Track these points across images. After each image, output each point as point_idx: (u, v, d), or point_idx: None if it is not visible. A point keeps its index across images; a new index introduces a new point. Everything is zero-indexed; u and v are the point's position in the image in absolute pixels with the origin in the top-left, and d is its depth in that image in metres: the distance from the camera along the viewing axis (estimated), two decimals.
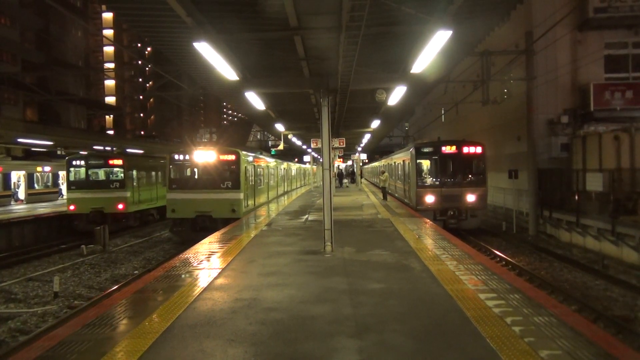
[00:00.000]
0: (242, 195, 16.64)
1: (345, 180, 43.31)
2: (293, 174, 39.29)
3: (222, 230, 13.23)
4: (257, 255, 9.35)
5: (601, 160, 16.85)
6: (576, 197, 16.81)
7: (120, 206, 20.91)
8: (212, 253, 9.64)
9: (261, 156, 21.91)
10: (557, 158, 20.58)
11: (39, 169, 29.45)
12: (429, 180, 18.89)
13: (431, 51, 8.03)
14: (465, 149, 18.35)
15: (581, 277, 12.42)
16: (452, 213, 17.90)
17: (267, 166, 23.14)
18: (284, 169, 31.82)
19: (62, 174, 32.47)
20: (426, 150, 18.85)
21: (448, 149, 18.40)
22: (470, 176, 18.64)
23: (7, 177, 26.98)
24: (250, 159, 18.65)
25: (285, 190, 31.43)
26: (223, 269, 8.04)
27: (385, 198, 23.49)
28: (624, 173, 15.96)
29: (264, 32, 8.68)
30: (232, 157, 16.77)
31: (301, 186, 43.92)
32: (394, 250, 9.53)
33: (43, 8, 43.43)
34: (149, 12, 8.22)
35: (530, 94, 19.56)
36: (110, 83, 76.69)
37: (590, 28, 20.39)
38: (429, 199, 18.00)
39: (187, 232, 16.89)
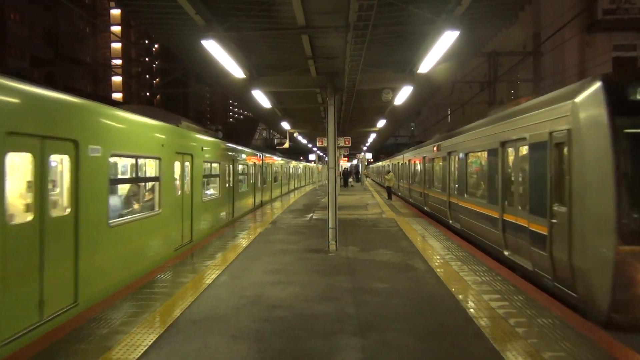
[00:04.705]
0: None
1: (350, 180, 42.46)
2: (290, 171, 34.23)
3: None
4: (262, 252, 9.38)
5: None
6: None
7: None
8: (216, 251, 9.67)
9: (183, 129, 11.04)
10: None
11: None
12: None
13: (438, 51, 8.03)
14: None
15: None
16: None
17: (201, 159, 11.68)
18: (267, 166, 23.23)
19: None
20: None
21: None
22: None
23: None
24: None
25: (261, 201, 21.44)
26: (227, 266, 8.07)
27: (390, 197, 23.48)
28: None
29: (272, 31, 8.70)
30: None
31: (299, 187, 40.64)
32: (398, 249, 9.53)
33: (52, 4, 43.67)
34: (157, 10, 8.25)
35: (537, 95, 19.46)
36: (117, 79, 77.03)
37: (598, 30, 20.32)
38: None
39: None
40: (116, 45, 78.94)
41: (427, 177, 17.26)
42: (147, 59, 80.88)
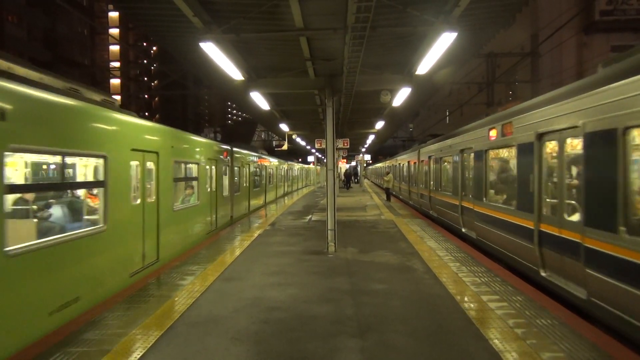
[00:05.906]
0: None
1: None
2: (281, 173, 27.42)
3: None
4: (261, 254, 9.38)
5: None
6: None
7: None
8: (214, 252, 9.67)
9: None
10: None
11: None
12: None
13: (436, 53, 8.05)
14: None
15: None
16: None
17: None
18: (242, 165, 17.44)
19: None
20: None
21: None
22: None
23: None
24: None
25: (232, 217, 15.64)
26: (226, 268, 8.07)
27: (388, 199, 23.48)
28: None
29: (270, 33, 8.71)
30: None
31: (291, 192, 34.17)
32: (397, 251, 9.53)
33: (50, 6, 43.67)
34: (155, 12, 8.26)
35: (535, 96, 19.50)
36: (115, 82, 76.98)
37: (596, 31, 20.43)
38: None
39: None
40: (114, 48, 78.89)
41: (475, 183, 10.79)
42: (145, 62, 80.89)
